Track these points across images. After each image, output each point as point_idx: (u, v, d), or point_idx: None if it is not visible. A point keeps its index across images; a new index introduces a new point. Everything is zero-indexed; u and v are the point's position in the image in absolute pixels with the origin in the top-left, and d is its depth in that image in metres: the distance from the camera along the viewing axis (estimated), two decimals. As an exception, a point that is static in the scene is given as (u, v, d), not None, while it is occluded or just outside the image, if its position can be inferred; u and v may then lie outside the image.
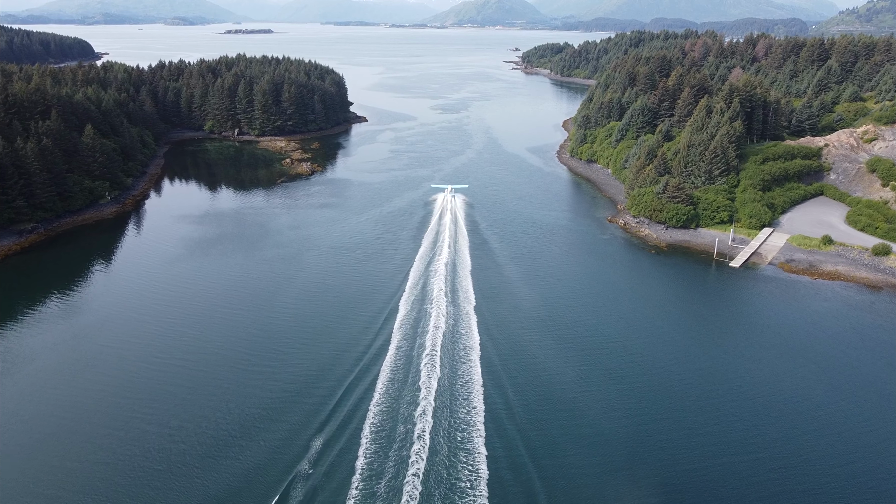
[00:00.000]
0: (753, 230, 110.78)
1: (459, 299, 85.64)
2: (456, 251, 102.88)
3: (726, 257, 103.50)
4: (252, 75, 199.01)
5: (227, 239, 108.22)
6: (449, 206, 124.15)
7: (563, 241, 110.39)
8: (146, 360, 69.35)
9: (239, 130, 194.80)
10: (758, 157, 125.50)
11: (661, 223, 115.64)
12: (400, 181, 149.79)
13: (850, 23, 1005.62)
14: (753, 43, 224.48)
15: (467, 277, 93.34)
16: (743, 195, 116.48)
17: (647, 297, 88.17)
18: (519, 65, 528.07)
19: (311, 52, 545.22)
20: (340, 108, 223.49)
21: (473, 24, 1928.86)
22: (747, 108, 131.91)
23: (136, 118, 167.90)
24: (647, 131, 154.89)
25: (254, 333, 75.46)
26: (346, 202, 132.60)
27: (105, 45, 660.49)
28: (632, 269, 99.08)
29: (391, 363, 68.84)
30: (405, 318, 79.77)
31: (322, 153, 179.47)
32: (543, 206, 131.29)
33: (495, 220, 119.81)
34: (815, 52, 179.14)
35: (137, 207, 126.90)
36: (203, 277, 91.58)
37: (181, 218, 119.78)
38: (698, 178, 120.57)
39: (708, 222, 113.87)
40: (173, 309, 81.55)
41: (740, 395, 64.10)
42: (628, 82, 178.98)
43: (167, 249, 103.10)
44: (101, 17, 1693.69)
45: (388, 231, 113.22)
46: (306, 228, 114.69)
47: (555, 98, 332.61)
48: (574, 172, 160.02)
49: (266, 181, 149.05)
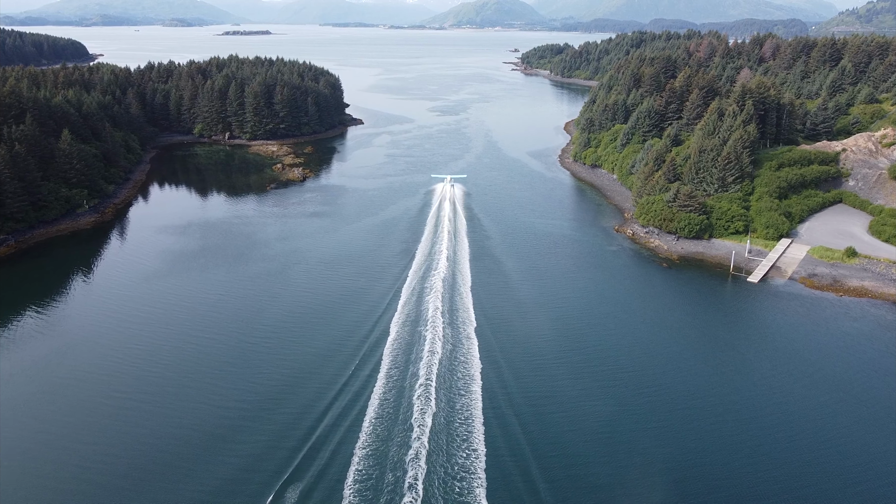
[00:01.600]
0: (771, 241, 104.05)
1: (458, 320, 78.86)
2: (454, 264, 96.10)
3: (742, 271, 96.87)
4: (243, 77, 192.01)
5: (211, 252, 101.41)
6: (447, 215, 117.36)
7: (568, 253, 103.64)
8: (112, 388, 62.62)
9: (229, 134, 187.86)
10: (773, 163, 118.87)
11: (671, 233, 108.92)
12: (395, 187, 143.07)
13: (851, 23, 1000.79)
14: (760, 43, 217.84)
15: (467, 295, 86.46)
16: (758, 203, 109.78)
17: (662, 317, 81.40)
18: (518, 66, 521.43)
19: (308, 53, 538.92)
20: (335, 111, 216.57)
21: (472, 25, 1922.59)
22: (761, 111, 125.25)
23: (121, 122, 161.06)
24: (654, 135, 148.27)
25: (230, 362, 68.60)
26: (339, 210, 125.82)
27: (100, 47, 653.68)
28: (643, 284, 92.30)
29: (380, 396, 62.04)
30: (396, 341, 72.97)
31: (315, 158, 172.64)
32: (546, 214, 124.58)
33: (496, 230, 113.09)
34: (827, 52, 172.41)
35: (118, 217, 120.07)
36: (180, 297, 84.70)
37: (163, 229, 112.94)
38: (710, 185, 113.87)
39: (722, 232, 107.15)
40: (144, 333, 74.71)
41: (769, 434, 57.31)
42: (633, 84, 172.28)
43: (145, 264, 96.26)
44: (99, 18, 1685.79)
45: (381, 242, 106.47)
46: (295, 240, 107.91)
47: (555, 100, 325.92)
48: (577, 178, 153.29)
49: (255, 188, 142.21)
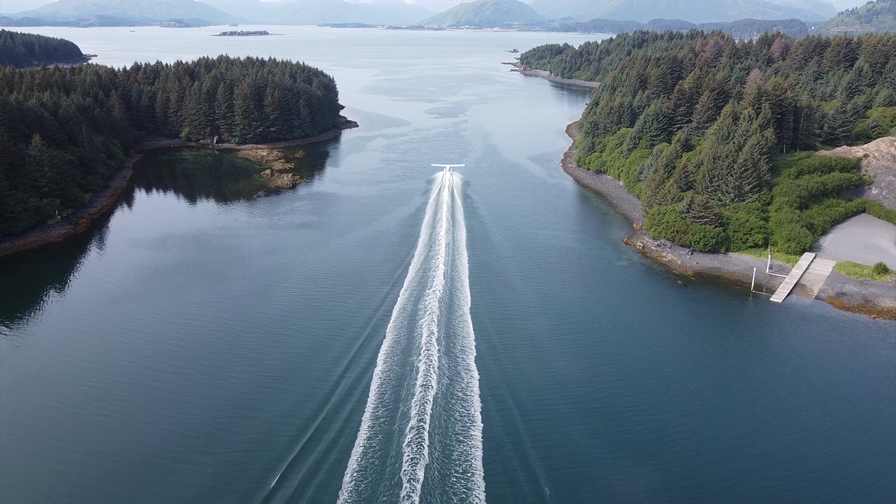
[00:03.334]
0: (793, 256, 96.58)
1: (456, 348, 71.34)
2: (452, 282, 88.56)
3: (763, 289, 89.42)
4: (233, 78, 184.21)
5: (188, 269, 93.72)
6: (444, 228, 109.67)
7: (575, 268, 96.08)
8: (59, 434, 54.95)
9: (218, 138, 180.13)
10: (791, 171, 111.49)
11: (685, 247, 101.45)
12: (390, 195, 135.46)
13: (850, 23, 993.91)
14: (768, 43, 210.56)
15: (466, 318, 78.88)
16: (778, 214, 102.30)
17: (680, 344, 73.90)
18: (517, 66, 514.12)
19: (304, 53, 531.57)
20: (329, 113, 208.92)
21: (470, 25, 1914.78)
22: (777, 115, 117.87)
23: (103, 125, 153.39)
24: (663, 139, 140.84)
25: (194, 401, 60.86)
26: (329, 221, 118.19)
27: (95, 47, 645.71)
28: (656, 305, 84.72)
29: (364, 443, 54.46)
30: (385, 374, 65.41)
31: (306, 163, 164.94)
32: (549, 224, 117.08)
33: (497, 242, 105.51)
34: (841, 51, 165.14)
35: (92, 228, 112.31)
36: (148, 322, 76.93)
37: (139, 242, 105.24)
38: (726, 194, 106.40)
39: (740, 246, 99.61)
40: (102, 366, 66.91)
41: (812, 488, 49.84)
42: (639, 85, 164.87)
43: (115, 283, 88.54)
44: (97, 18, 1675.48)
45: (372, 256, 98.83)
46: (280, 254, 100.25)
47: (556, 101, 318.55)
48: (581, 184, 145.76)
49: (242, 195, 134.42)
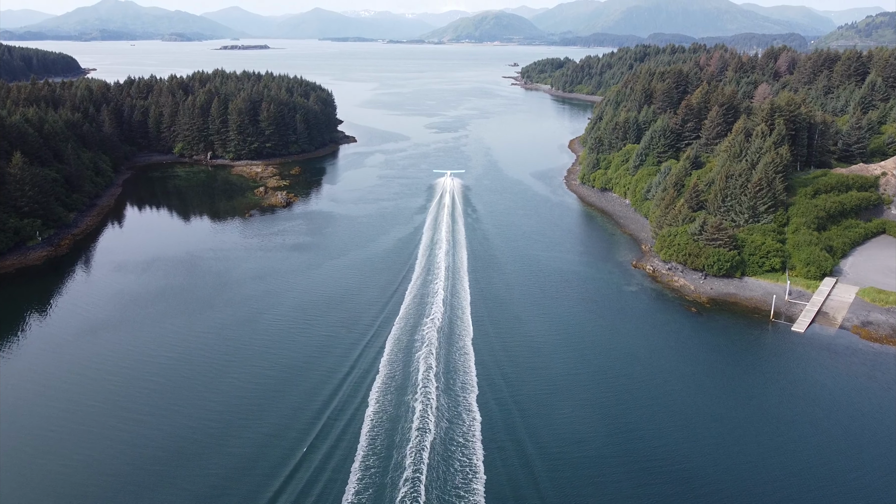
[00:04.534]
0: (813, 281, 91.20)
1: (456, 385, 65.89)
2: (452, 310, 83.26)
3: (782, 317, 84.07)
4: (227, 93, 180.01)
5: (173, 295, 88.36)
6: (443, 250, 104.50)
7: (582, 294, 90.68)
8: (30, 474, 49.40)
9: (211, 153, 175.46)
10: (808, 190, 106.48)
11: (698, 270, 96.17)
12: (388, 213, 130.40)
13: (850, 37, 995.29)
14: (774, 56, 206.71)
15: (467, 349, 73.51)
16: (796, 236, 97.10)
17: (697, 381, 68.39)
18: (518, 80, 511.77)
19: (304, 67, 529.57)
20: (326, 128, 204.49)
21: (471, 39, 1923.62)
22: (791, 131, 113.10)
23: (92, 141, 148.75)
24: (670, 156, 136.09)
25: (164, 446, 55.34)
26: (323, 242, 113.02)
27: (95, 61, 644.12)
28: (670, 336, 79.24)
29: (353, 500, 48.88)
30: (377, 416, 59.97)
31: (302, 180, 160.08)
32: (554, 245, 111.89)
33: (499, 267, 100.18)
34: (852, 65, 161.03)
35: (74, 250, 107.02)
36: (126, 354, 71.52)
37: (123, 265, 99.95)
38: (740, 214, 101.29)
39: (756, 270, 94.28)
40: (73, 403, 61.51)
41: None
42: (644, 100, 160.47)
43: (94, 311, 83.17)
44: (99, 33, 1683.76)
45: (367, 281, 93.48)
46: (271, 279, 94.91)
47: (557, 115, 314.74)
48: (586, 202, 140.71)
49: (233, 215, 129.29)
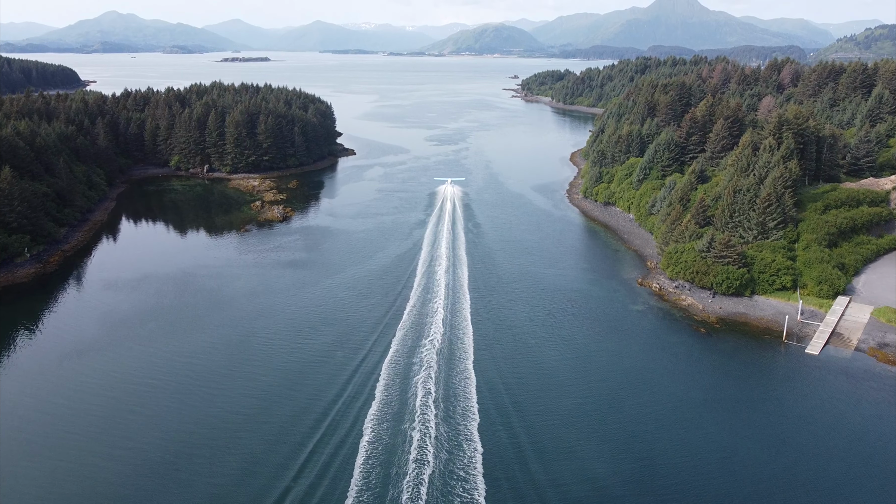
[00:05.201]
0: (825, 300, 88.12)
1: (456, 412, 62.74)
2: (452, 330, 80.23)
3: (794, 338, 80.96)
4: (224, 105, 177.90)
5: (163, 315, 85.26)
6: (443, 267, 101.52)
7: (586, 314, 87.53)
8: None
9: (208, 167, 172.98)
10: (818, 205, 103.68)
11: (706, 289, 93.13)
12: (386, 228, 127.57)
13: (850, 49, 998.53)
14: (778, 69, 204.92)
15: (468, 373, 70.41)
16: (806, 253, 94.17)
17: (710, 409, 65.10)
18: (518, 92, 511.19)
19: (304, 79, 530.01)
20: (325, 141, 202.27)
21: (471, 52, 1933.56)
22: (799, 145, 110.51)
23: (86, 154, 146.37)
24: (675, 169, 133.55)
25: (153, 479, 52.12)
26: (319, 258, 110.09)
27: (95, 73, 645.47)
28: (680, 358, 76.04)
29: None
30: (373, 445, 56.77)
31: (299, 193, 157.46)
32: (557, 262, 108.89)
33: (501, 285, 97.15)
34: (858, 77, 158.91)
35: (64, 267, 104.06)
36: (110, 379, 68.34)
37: (112, 283, 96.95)
38: (748, 231, 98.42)
39: (766, 288, 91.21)
40: (46, 433, 58.29)
41: None
42: (647, 112, 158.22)
43: (80, 331, 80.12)
44: (100, 45, 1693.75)
45: (364, 300, 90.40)
46: (265, 297, 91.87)
47: (558, 128, 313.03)
48: (589, 217, 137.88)
49: (228, 230, 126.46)
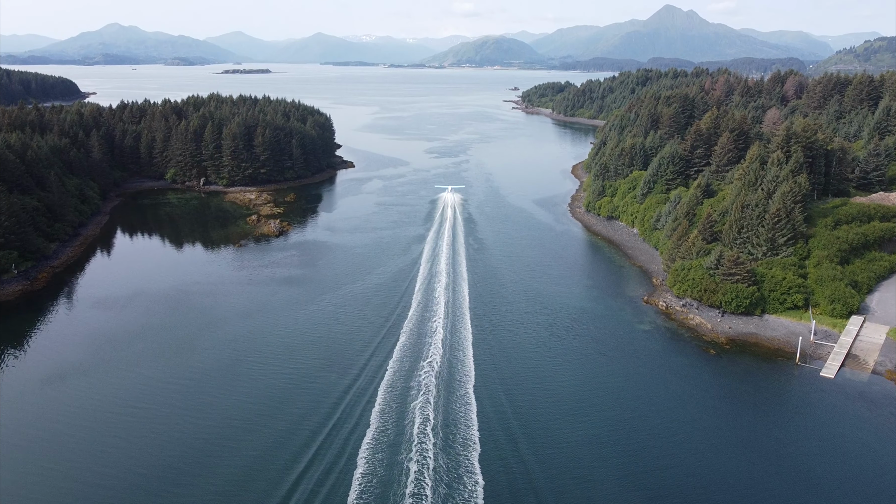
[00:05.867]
0: (839, 319, 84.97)
1: (456, 441, 59.52)
2: (452, 351, 77.14)
3: (809, 359, 77.79)
4: (222, 117, 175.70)
5: (152, 335, 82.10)
6: (443, 284, 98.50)
7: (591, 334, 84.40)
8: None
9: (205, 180, 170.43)
10: (828, 220, 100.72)
11: (714, 307, 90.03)
12: (385, 243, 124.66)
13: (849, 62, 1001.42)
14: (782, 81, 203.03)
15: (468, 398, 67.25)
16: (818, 270, 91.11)
17: (723, 437, 61.77)
18: (519, 104, 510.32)
19: (305, 91, 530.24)
20: (324, 154, 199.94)
21: (471, 64, 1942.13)
22: (808, 159, 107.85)
23: (79, 167, 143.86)
24: (679, 183, 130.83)
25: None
26: (315, 275, 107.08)
27: (96, 85, 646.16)
28: (689, 382, 72.84)
29: None
30: (367, 478, 53.55)
31: (297, 207, 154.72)
32: (560, 278, 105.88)
33: (503, 302, 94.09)
34: (864, 90, 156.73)
35: (52, 284, 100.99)
36: (92, 406, 65.10)
37: (101, 301, 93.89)
38: (757, 247, 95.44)
39: (777, 307, 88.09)
40: (20, 466, 55.03)
41: None
42: (650, 125, 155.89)
43: (65, 353, 76.95)
44: (102, 57, 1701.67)
45: (361, 319, 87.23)
46: (259, 316, 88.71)
47: (559, 140, 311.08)
48: (592, 231, 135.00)
49: (222, 245, 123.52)
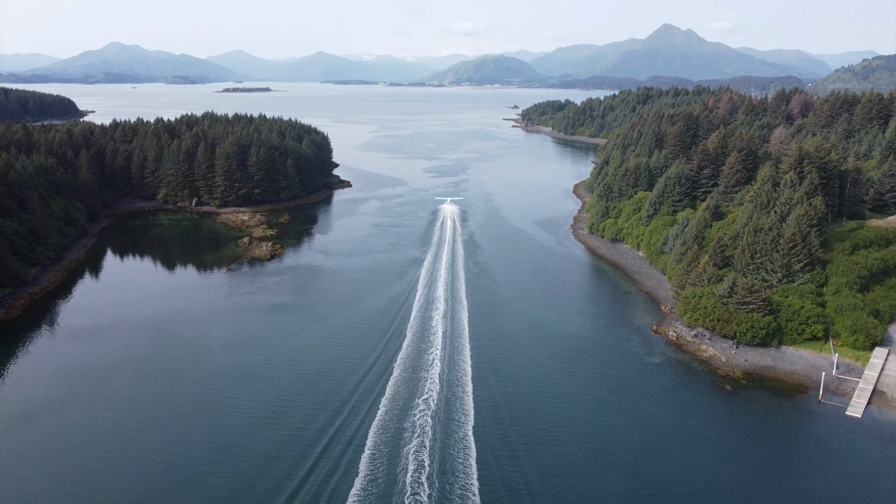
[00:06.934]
0: (862, 351, 79.83)
1: (454, 492, 54.27)
2: (449, 387, 71.97)
3: (831, 395, 72.58)
4: (215, 136, 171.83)
5: (130, 369, 76.89)
6: (440, 312, 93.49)
7: (599, 368, 79.12)
8: None
9: (197, 200, 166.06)
10: (845, 245, 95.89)
11: (728, 338, 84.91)
12: (381, 267, 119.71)
13: (847, 80, 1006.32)
14: (787, 99, 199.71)
15: (466, 441, 62.08)
16: (837, 299, 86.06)
17: (742, 488, 56.30)
18: (519, 122, 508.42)
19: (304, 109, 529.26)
20: (320, 173, 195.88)
21: (471, 82, 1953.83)
22: (822, 180, 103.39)
23: (66, 188, 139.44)
24: (686, 205, 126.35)
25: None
26: (307, 302, 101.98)
27: (95, 103, 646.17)
28: (704, 421, 67.46)
29: None
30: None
31: (291, 229, 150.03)
32: (563, 305, 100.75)
33: (504, 333, 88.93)
34: (874, 108, 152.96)
35: (30, 312, 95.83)
36: (61, 449, 59.77)
37: (79, 331, 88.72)
38: (772, 273, 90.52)
39: (795, 338, 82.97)
40: None
41: None
42: (655, 144, 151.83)
43: (35, 390, 71.67)
44: (103, 76, 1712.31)
45: (352, 352, 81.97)
46: (244, 348, 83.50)
47: (560, 158, 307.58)
48: (596, 254, 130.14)
49: (211, 269, 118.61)
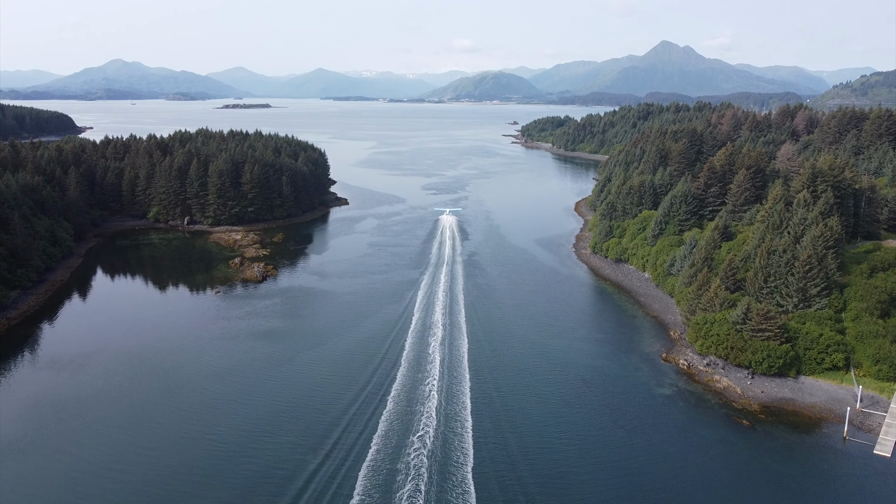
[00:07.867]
0: (886, 383, 75.06)
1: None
2: (447, 422, 67.23)
3: (856, 430, 67.72)
4: (208, 153, 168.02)
5: (108, 403, 71.99)
6: (438, 338, 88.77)
7: (605, 400, 74.25)
8: None
9: (189, 219, 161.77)
10: (863, 267, 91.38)
11: (743, 367, 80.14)
12: (376, 290, 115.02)
13: (846, 96, 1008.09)
14: (791, 115, 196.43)
15: (465, 482, 57.42)
16: (857, 325, 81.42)
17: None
18: (518, 139, 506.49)
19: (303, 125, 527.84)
20: (316, 191, 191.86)
21: (470, 98, 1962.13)
22: (837, 199, 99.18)
23: (52, 207, 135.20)
24: (693, 224, 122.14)
25: None
26: (298, 328, 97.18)
27: (94, 120, 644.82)
28: (720, 461, 62.50)
29: None
30: None
31: (284, 248, 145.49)
32: (567, 331, 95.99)
33: (505, 361, 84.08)
34: (883, 124, 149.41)
35: (6, 337, 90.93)
36: (29, 494, 54.73)
37: (56, 359, 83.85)
38: (787, 298, 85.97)
39: (814, 368, 78.25)
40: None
41: None
42: (659, 161, 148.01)
43: (5, 424, 66.72)
44: (104, 92, 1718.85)
45: (343, 382, 77.12)
46: (230, 379, 78.65)
47: (560, 175, 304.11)
48: (599, 276, 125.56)
49: (200, 291, 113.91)
